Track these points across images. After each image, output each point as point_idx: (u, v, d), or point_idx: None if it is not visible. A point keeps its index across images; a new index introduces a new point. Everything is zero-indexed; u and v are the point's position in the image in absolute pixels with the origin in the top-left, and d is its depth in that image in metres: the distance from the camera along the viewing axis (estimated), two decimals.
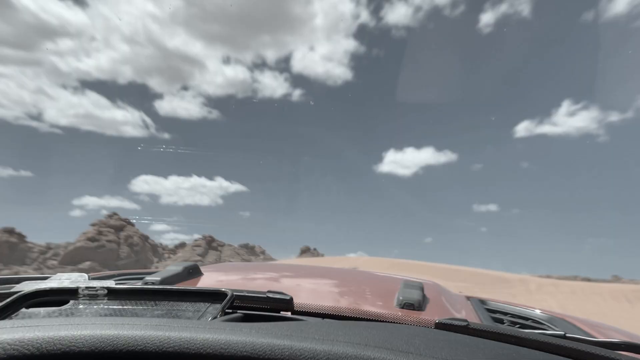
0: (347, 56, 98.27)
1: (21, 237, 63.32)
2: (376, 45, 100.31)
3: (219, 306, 0.73)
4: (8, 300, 0.71)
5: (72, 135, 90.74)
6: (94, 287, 0.74)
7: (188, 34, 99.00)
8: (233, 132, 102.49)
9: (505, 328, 0.70)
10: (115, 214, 74.20)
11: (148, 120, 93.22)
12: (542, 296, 28.75)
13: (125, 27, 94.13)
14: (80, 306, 0.72)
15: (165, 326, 0.57)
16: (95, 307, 0.72)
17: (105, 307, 0.72)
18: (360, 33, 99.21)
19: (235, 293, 0.76)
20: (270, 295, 0.80)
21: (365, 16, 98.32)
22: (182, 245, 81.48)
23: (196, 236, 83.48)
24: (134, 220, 75.75)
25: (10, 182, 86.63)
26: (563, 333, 0.81)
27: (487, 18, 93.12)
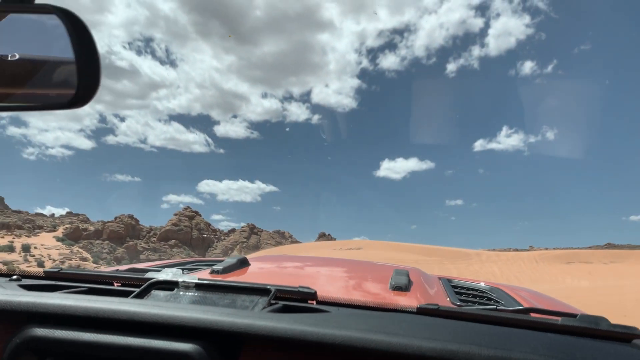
0: (352, 91, 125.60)
1: (136, 221, 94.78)
2: (374, 83, 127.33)
3: (266, 299, 0.96)
4: (145, 285, 1.02)
5: (162, 152, 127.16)
6: (187, 282, 1.01)
7: (238, 78, 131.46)
8: (268, 147, 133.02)
9: (459, 309, 0.94)
10: (188, 207, 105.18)
11: (210, 140, 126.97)
12: (489, 264, 39.55)
13: (197, 77, 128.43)
14: (180, 293, 0.99)
15: (233, 314, 0.82)
16: (188, 294, 0.99)
17: (195, 295, 0.99)
18: (362, 74, 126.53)
19: (276, 288, 0.99)
20: (301, 289, 1.01)
21: (365, 62, 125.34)
22: (232, 230, 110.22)
23: (242, 224, 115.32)
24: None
25: (128, 185, 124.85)
26: (495, 306, 1.15)
27: (451, 67, 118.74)
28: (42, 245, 70.91)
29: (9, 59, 0.72)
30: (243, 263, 1.64)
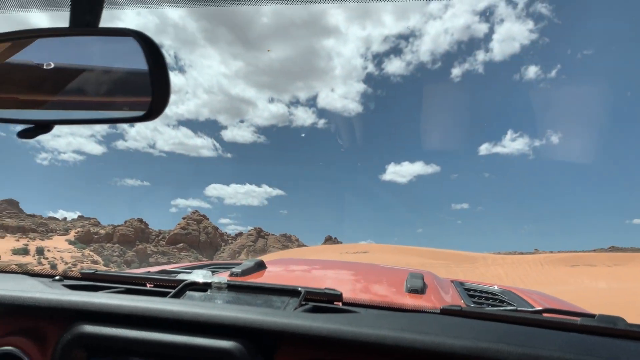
0: (358, 95, 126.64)
1: (146, 224, 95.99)
2: (379, 87, 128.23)
3: (297, 300, 0.99)
4: (180, 285, 1.07)
5: (171, 157, 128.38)
6: (220, 282, 1.06)
7: (245, 84, 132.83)
8: (275, 151, 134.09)
9: (480, 309, 0.98)
10: (196, 211, 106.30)
11: (217, 144, 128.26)
12: (495, 267, 39.55)
13: (205, 82, 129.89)
14: (214, 294, 1.04)
15: (270, 313, 0.86)
16: (222, 295, 1.04)
17: (228, 295, 1.04)
18: (368, 79, 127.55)
19: (305, 289, 1.02)
20: (327, 291, 1.04)
21: (371, 67, 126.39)
22: (240, 234, 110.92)
23: (249, 228, 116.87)
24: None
25: (137, 189, 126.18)
26: (515, 306, 1.18)
27: (456, 71, 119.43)
28: (55, 248, 72.32)
29: (90, 77, 0.81)
30: (260, 266, 1.72)
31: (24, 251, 66.78)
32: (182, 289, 1.06)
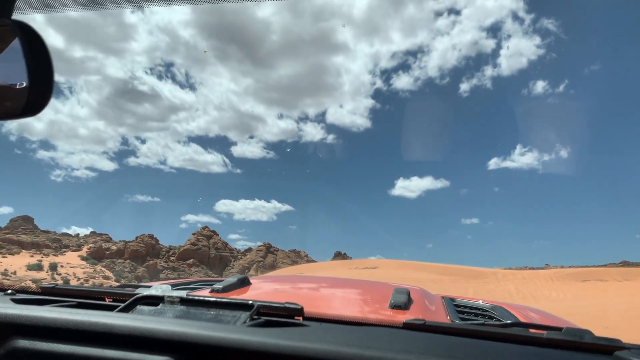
0: (366, 111, 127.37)
1: (156, 240, 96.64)
2: (388, 103, 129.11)
3: (247, 314, 0.96)
4: (130, 300, 1.04)
5: (181, 173, 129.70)
6: (173, 297, 1.02)
7: (255, 100, 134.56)
8: (284, 167, 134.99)
9: (447, 323, 0.96)
10: (206, 227, 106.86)
11: (227, 160, 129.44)
12: (505, 283, 39.21)
13: (215, 99, 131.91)
14: (165, 308, 1.01)
15: (209, 327, 0.83)
16: (173, 309, 1.01)
17: (179, 310, 1.00)
18: (376, 95, 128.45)
19: (259, 304, 0.99)
20: (287, 305, 1.00)
21: (379, 83, 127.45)
22: (249, 249, 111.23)
23: (258, 243, 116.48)
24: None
25: (148, 205, 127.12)
26: (483, 321, 1.15)
27: (464, 87, 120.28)
28: (68, 264, 73.28)
29: None
30: (243, 282, 1.66)
31: (38, 267, 67.74)
32: (132, 303, 1.05)
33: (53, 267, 68.77)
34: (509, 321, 1.09)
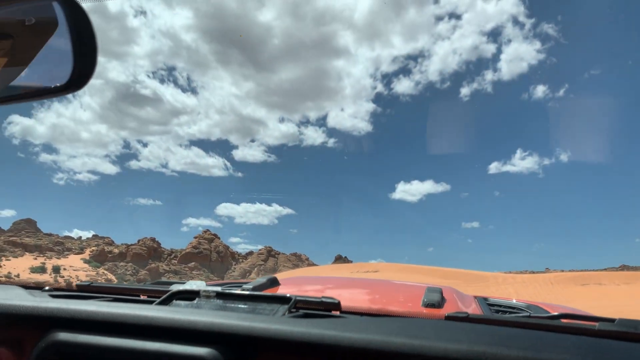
0: (367, 115, 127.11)
1: (158, 244, 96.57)
2: (389, 107, 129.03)
3: (286, 307, 0.96)
4: (167, 294, 1.06)
5: (183, 176, 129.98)
6: (209, 291, 1.04)
7: (256, 104, 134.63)
8: (285, 170, 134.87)
9: (491, 315, 0.96)
10: (207, 230, 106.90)
11: (228, 164, 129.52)
12: (506, 286, 38.47)
13: (217, 103, 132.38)
14: (202, 302, 1.02)
15: (249, 319, 0.84)
16: (208, 303, 1.01)
17: (215, 304, 1.01)
18: (377, 98, 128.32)
19: (297, 297, 0.99)
20: (324, 299, 1.00)
21: (380, 87, 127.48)
22: (250, 253, 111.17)
23: (259, 247, 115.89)
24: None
25: (150, 209, 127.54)
26: (529, 314, 1.19)
27: (465, 91, 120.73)
28: (71, 267, 73.71)
29: (7, 48, 0.73)
30: (273, 282, 1.69)
31: (42, 269, 68.24)
32: (169, 297, 1.07)
33: (56, 269, 69.24)
34: (555, 313, 1.10)
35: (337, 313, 1.02)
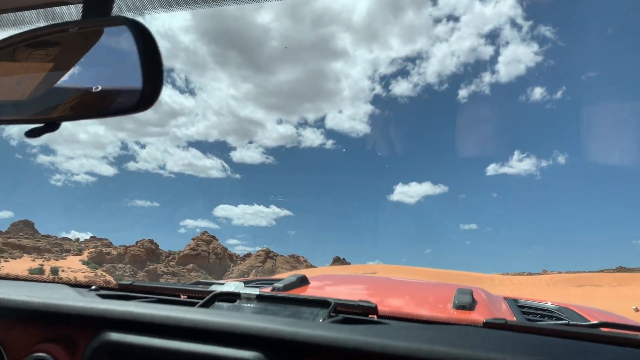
0: (366, 116, 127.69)
1: (156, 245, 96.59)
2: (387, 108, 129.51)
3: (326, 311, 0.96)
4: (209, 297, 1.07)
5: (180, 178, 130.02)
6: (249, 293, 1.05)
7: (254, 106, 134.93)
8: (283, 172, 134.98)
9: (529, 323, 0.96)
10: (205, 232, 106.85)
11: (226, 165, 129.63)
12: (502, 288, 38.58)
13: (215, 104, 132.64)
14: (243, 305, 1.04)
15: (294, 324, 0.84)
16: (250, 306, 1.03)
17: (256, 307, 1.03)
18: (375, 100, 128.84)
19: (336, 302, 0.99)
20: (361, 303, 1.01)
21: (378, 89, 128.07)
22: (248, 255, 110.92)
23: (257, 248, 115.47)
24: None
25: (147, 210, 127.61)
26: (568, 321, 1.14)
27: (463, 93, 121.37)
28: (69, 268, 73.75)
29: (82, 70, 0.79)
30: (303, 281, 1.70)
31: (40, 271, 68.27)
32: (210, 299, 1.08)
33: (54, 271, 69.28)
34: (595, 322, 1.09)
35: (374, 317, 1.03)
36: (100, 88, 0.78)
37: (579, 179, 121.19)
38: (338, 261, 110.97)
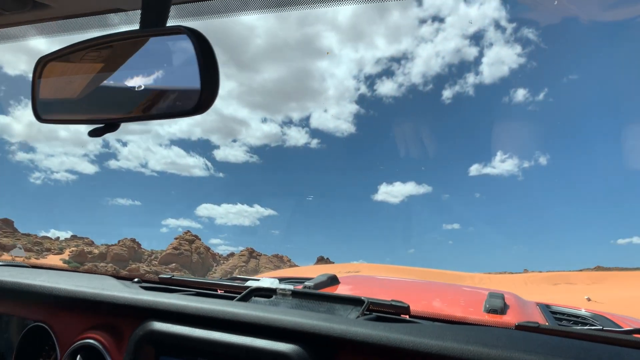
0: (351, 116, 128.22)
1: (138, 244, 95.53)
2: (372, 108, 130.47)
3: (360, 309, 1.00)
4: (246, 291, 1.13)
5: (162, 176, 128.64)
6: (285, 289, 1.09)
7: (238, 104, 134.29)
8: (267, 171, 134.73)
9: (562, 326, 0.95)
10: (188, 231, 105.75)
11: (209, 164, 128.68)
12: (482, 285, 33.02)
13: None
14: (279, 300, 1.08)
15: (330, 319, 0.88)
16: (285, 301, 1.07)
17: (292, 302, 1.06)
18: (360, 100, 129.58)
19: (369, 300, 1.02)
20: (394, 303, 1.03)
21: (363, 88, 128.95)
22: (231, 254, 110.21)
23: (241, 248, 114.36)
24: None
25: (128, 209, 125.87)
26: (601, 327, 1.15)
27: (447, 93, 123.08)
28: None
29: (142, 74, 0.85)
30: (333, 280, 1.74)
31: None
32: (248, 294, 1.13)
33: None
34: (629, 328, 1.09)
35: (407, 317, 1.07)
36: (159, 91, 0.85)
37: (560, 180, 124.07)
38: (322, 260, 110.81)
